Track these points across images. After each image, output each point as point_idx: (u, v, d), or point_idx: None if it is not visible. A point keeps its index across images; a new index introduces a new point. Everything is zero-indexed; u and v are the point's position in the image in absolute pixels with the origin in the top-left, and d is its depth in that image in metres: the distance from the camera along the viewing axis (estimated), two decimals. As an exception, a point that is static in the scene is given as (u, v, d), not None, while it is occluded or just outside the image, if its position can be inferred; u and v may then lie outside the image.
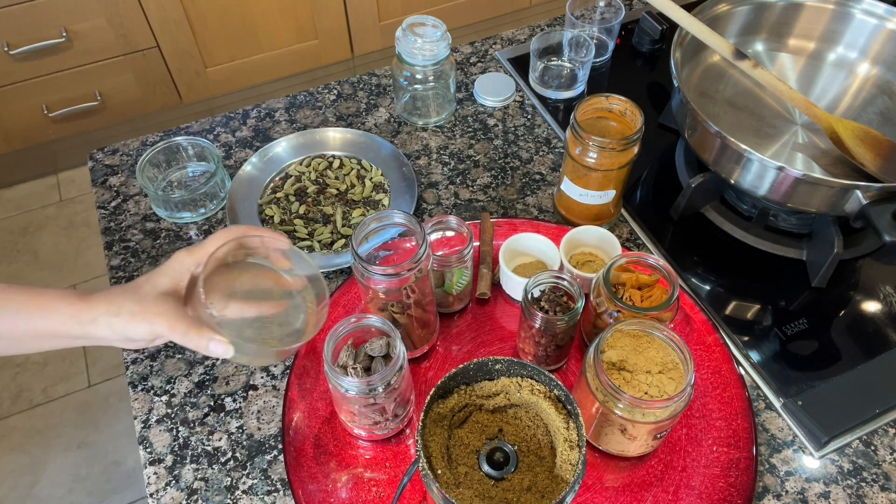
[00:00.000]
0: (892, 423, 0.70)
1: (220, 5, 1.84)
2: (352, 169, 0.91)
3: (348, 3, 1.99)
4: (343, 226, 0.85)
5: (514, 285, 0.75)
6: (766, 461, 0.68)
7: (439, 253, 0.70)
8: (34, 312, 0.57)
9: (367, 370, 0.64)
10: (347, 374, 0.62)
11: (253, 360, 0.63)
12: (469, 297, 0.77)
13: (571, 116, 0.74)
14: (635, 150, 0.74)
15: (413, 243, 0.73)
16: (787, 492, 0.66)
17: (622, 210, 0.87)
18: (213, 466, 0.68)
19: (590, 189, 0.77)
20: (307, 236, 0.84)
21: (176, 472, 0.68)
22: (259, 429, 0.71)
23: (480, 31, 2.29)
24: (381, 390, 0.60)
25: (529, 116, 0.98)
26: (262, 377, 0.74)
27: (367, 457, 0.68)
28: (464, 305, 0.77)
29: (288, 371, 0.74)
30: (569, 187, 0.80)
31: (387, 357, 0.64)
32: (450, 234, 0.75)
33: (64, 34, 1.68)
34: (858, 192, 0.70)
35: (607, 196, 0.78)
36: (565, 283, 0.67)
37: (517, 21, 2.33)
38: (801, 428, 0.70)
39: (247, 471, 0.68)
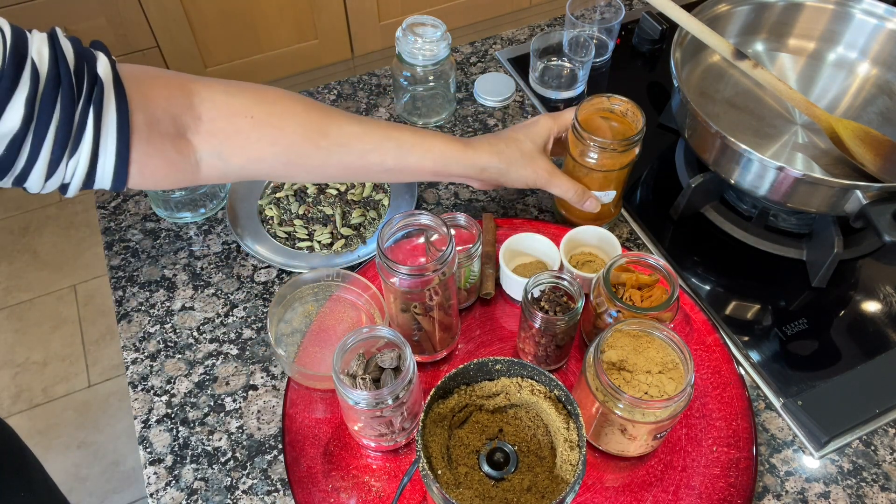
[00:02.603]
0: (892, 423, 0.70)
1: (220, 5, 1.84)
2: (352, 169, 0.91)
3: (348, 3, 1.99)
4: (343, 226, 0.85)
5: (514, 285, 0.75)
6: (766, 461, 0.68)
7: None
8: (424, 153, 0.67)
9: (377, 381, 0.63)
10: (356, 386, 0.62)
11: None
12: (474, 296, 0.77)
13: (573, 116, 0.74)
14: (636, 150, 0.74)
15: (417, 242, 0.73)
16: (787, 492, 0.66)
17: (622, 210, 0.87)
18: (213, 466, 0.69)
19: (590, 189, 0.77)
20: (307, 237, 0.84)
21: (176, 472, 0.68)
22: (259, 429, 0.71)
23: (480, 31, 2.30)
24: (389, 403, 0.60)
25: (529, 116, 0.98)
26: (262, 377, 0.74)
27: (368, 457, 0.68)
28: (468, 305, 0.77)
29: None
30: None
31: (397, 370, 0.64)
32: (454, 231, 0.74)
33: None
34: (858, 192, 0.70)
35: (608, 196, 0.78)
36: (565, 283, 0.67)
37: (517, 21, 2.33)
38: (801, 428, 0.70)
39: (247, 471, 0.68)
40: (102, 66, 0.54)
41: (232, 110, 0.61)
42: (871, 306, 0.79)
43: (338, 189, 0.89)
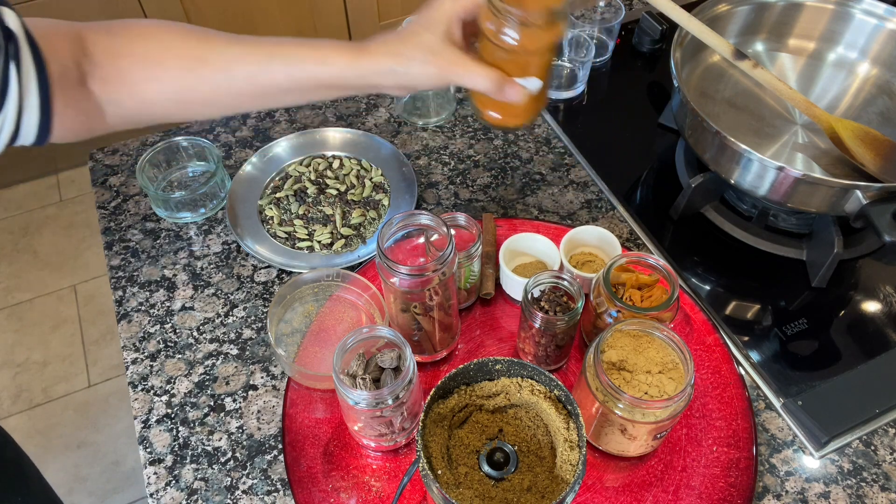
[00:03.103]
0: (892, 423, 0.70)
1: (220, 5, 1.84)
2: (352, 169, 0.91)
3: (348, 3, 1.99)
4: (343, 226, 0.85)
5: (514, 285, 0.75)
6: (766, 461, 0.68)
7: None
8: (316, 64, 0.60)
9: (377, 381, 0.63)
10: (356, 386, 0.62)
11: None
12: (474, 296, 0.77)
13: None
14: (562, 26, 0.60)
15: (417, 242, 0.73)
16: (787, 492, 0.66)
17: (623, 210, 0.87)
18: (213, 466, 0.68)
19: (511, 76, 0.63)
20: (307, 237, 0.84)
21: (176, 472, 0.68)
22: (259, 429, 0.71)
23: (480, 31, 2.29)
24: (389, 403, 0.60)
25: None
26: (262, 377, 0.74)
27: (368, 457, 0.68)
28: (468, 305, 0.77)
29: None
30: None
31: (397, 370, 0.64)
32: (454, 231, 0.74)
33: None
34: (858, 192, 0.70)
35: (531, 84, 0.63)
36: (565, 283, 0.67)
37: (517, 21, 2.33)
38: (801, 428, 0.70)
39: (247, 471, 0.68)
40: (12, 19, 0.53)
41: (114, 51, 0.58)
42: (871, 306, 0.79)
43: (338, 189, 0.89)
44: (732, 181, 0.78)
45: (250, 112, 0.97)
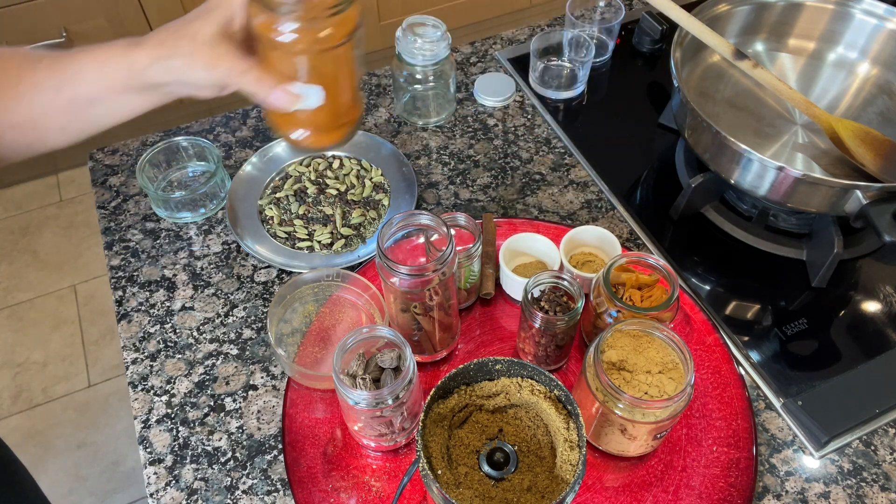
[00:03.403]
0: (892, 423, 0.70)
1: (220, 5, 1.84)
2: (352, 169, 0.91)
3: (348, 3, 1.99)
4: (343, 226, 0.85)
5: (514, 285, 0.75)
6: (766, 461, 0.68)
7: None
8: (95, 70, 0.54)
9: (377, 381, 0.63)
10: (356, 386, 0.62)
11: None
12: (474, 296, 0.77)
13: None
14: (355, 19, 0.51)
15: (417, 242, 0.73)
16: (787, 492, 0.66)
17: (623, 210, 0.87)
18: (213, 466, 0.69)
19: (291, 80, 0.52)
20: (307, 237, 0.84)
21: (176, 472, 0.68)
22: (259, 429, 0.71)
23: (480, 31, 2.29)
24: (389, 403, 0.60)
25: (529, 116, 0.98)
26: (262, 377, 0.74)
27: (368, 457, 0.68)
28: (468, 305, 0.77)
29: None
30: None
31: (397, 370, 0.64)
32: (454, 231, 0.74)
33: (64, 34, 1.68)
34: (858, 192, 0.70)
35: (312, 94, 0.52)
36: (565, 283, 0.67)
37: (517, 21, 2.33)
38: (801, 428, 0.70)
39: (247, 471, 0.68)
40: None
41: None
42: (871, 306, 0.79)
43: (338, 189, 0.89)
44: (732, 181, 0.78)
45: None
